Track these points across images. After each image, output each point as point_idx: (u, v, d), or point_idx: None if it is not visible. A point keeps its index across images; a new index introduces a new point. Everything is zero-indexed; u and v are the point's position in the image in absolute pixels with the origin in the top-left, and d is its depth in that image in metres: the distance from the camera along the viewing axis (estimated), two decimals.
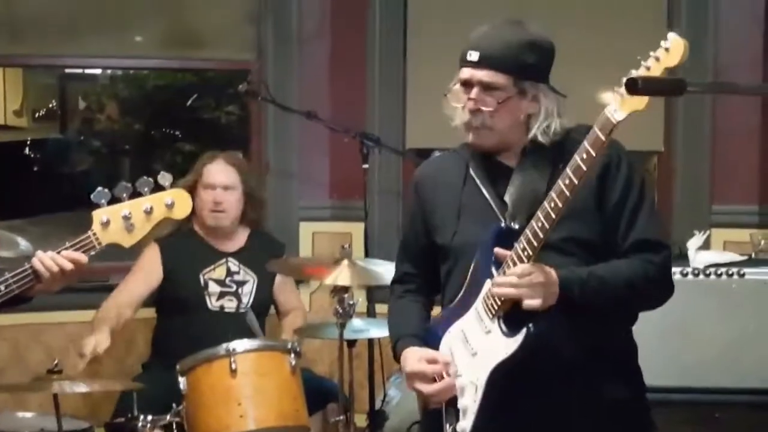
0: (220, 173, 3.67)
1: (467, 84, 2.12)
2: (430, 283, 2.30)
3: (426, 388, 2.13)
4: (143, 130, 8.34)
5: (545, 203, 1.94)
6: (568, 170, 1.90)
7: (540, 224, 1.94)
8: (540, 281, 1.96)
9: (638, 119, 1.85)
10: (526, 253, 1.97)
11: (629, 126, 2.10)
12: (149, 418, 3.00)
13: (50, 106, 9.02)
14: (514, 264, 1.99)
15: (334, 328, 3.19)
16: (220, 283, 3.67)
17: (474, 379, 2.05)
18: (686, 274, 3.31)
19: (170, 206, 2.29)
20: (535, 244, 1.96)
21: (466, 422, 2.06)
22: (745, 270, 3.32)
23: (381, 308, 3.71)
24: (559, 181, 1.92)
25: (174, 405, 3.03)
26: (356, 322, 3.31)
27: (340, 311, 3.15)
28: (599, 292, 2.03)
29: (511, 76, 2.09)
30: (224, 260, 3.70)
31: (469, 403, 2.06)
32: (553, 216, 1.93)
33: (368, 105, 4.28)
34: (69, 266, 2.25)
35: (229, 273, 3.69)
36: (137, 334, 3.99)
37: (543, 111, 2.11)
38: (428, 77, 4.19)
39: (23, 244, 6.36)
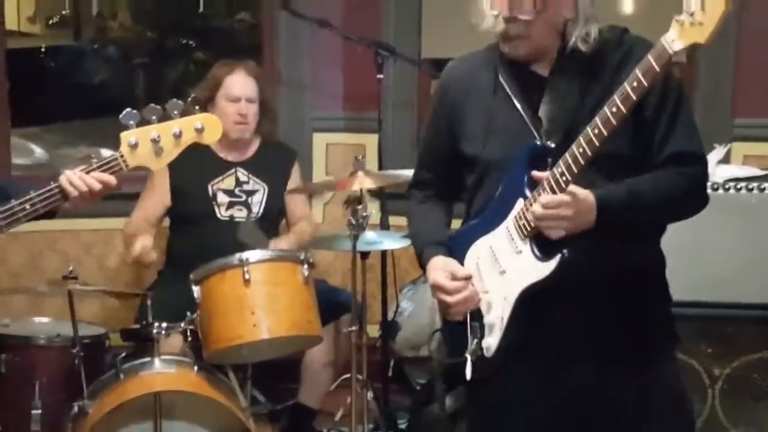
0: (244, 85, 3.60)
1: None
2: (450, 188, 2.25)
3: (447, 298, 2.11)
4: (155, 38, 8.25)
5: (588, 129, 1.87)
6: (617, 98, 1.82)
7: (581, 150, 1.87)
8: (568, 215, 1.91)
9: (659, 28, 1.79)
10: (564, 178, 1.91)
11: (650, 36, 2.04)
12: (164, 325, 3.02)
13: (63, 12, 8.91)
14: (551, 188, 1.93)
15: (347, 240, 3.19)
16: (228, 193, 3.65)
17: (502, 298, 2.04)
18: None
19: (200, 131, 2.27)
20: (575, 170, 1.89)
21: (492, 339, 2.05)
22: (766, 185, 3.27)
23: (394, 220, 3.70)
24: (606, 109, 1.84)
25: (188, 313, 3.05)
26: (369, 234, 3.31)
27: (354, 223, 3.14)
28: (637, 212, 1.99)
29: None
30: (233, 170, 3.67)
31: (497, 320, 2.05)
32: (597, 143, 1.86)
33: (383, 13, 4.19)
34: (98, 186, 2.24)
35: (238, 183, 3.66)
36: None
37: (582, 16, 2.00)
38: None
39: (38, 151, 6.39)
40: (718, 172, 3.34)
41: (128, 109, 2.25)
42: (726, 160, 3.55)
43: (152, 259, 3.38)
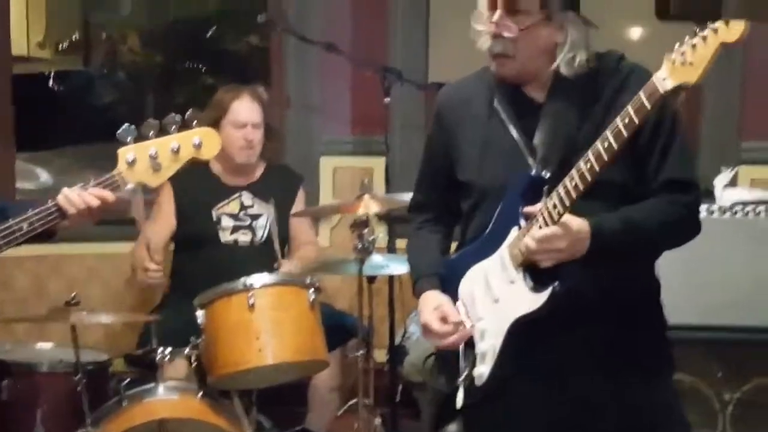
0: (249, 111, 3.60)
1: (493, 5, 2.03)
2: (448, 212, 2.25)
3: (436, 342, 2.12)
4: (165, 63, 8.29)
5: (581, 163, 1.87)
6: (609, 133, 1.83)
7: (574, 184, 1.88)
8: (561, 248, 1.91)
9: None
10: (557, 211, 1.91)
11: (658, 60, 2.03)
12: (168, 350, 3.00)
13: (73, 38, 8.97)
14: (545, 220, 1.93)
15: (354, 264, 3.17)
16: (233, 217, 3.64)
17: (495, 327, 2.03)
18: (712, 212, 3.25)
19: (198, 146, 2.25)
20: (568, 203, 1.90)
21: (484, 367, 2.04)
22: None
23: (401, 244, 3.67)
24: (598, 143, 1.85)
25: (193, 337, 3.03)
26: (376, 258, 3.29)
27: (360, 247, 3.12)
28: (631, 240, 1.99)
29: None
30: (237, 195, 3.67)
31: (489, 349, 2.04)
32: (589, 178, 1.86)
33: (390, 37, 4.20)
34: (96, 203, 2.21)
35: (243, 207, 3.66)
36: None
37: (569, 41, 2.01)
38: (452, 8, 4.09)
39: (44, 176, 6.39)
40: (725, 195, 3.32)
41: (125, 125, 2.23)
42: (733, 183, 3.53)
43: (160, 281, 3.37)
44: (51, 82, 8.22)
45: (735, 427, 3.30)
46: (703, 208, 3.22)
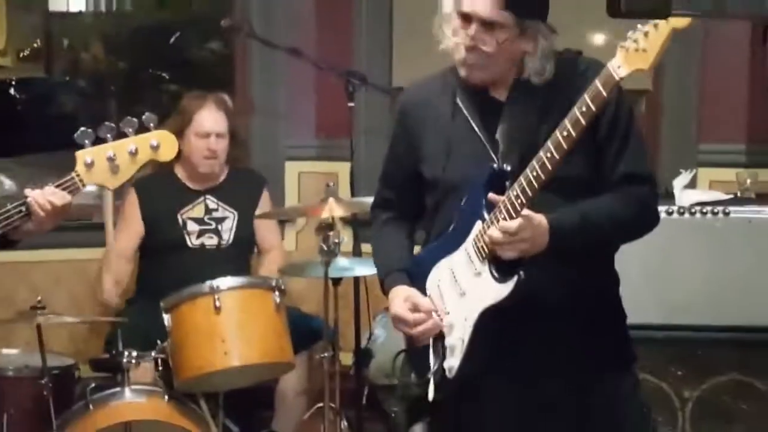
0: (214, 121, 3.61)
1: (466, 18, 2.05)
2: (412, 210, 2.27)
3: (408, 331, 2.14)
4: (128, 70, 8.26)
5: (541, 153, 1.91)
6: (567, 122, 1.87)
7: (535, 174, 1.92)
8: (525, 238, 1.95)
9: None
10: (519, 201, 1.95)
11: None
12: (134, 354, 3.01)
13: (35, 45, 8.90)
14: (507, 211, 1.97)
15: (319, 267, 3.19)
16: (198, 221, 3.65)
17: (463, 319, 2.06)
18: (671, 213, 3.31)
19: (155, 148, 2.28)
20: (530, 193, 1.94)
21: (453, 360, 2.07)
22: (730, 209, 3.32)
23: (367, 247, 3.69)
24: (557, 133, 1.89)
25: (159, 341, 3.03)
26: (342, 261, 3.31)
27: (325, 249, 3.14)
28: (590, 235, 2.04)
29: (513, 13, 2.02)
30: (202, 198, 3.68)
31: (457, 342, 2.07)
32: (550, 167, 1.90)
33: (354, 41, 4.22)
34: (60, 201, 2.24)
35: (208, 210, 3.67)
36: None
37: (540, 52, 2.05)
38: (416, 12, 4.13)
39: (7, 183, 6.34)
40: (684, 197, 3.38)
41: (82, 129, 2.27)
42: (692, 185, 3.58)
43: (115, 303, 3.40)
44: (12, 90, 8.16)
45: (694, 425, 3.36)
46: (663, 209, 3.26)
